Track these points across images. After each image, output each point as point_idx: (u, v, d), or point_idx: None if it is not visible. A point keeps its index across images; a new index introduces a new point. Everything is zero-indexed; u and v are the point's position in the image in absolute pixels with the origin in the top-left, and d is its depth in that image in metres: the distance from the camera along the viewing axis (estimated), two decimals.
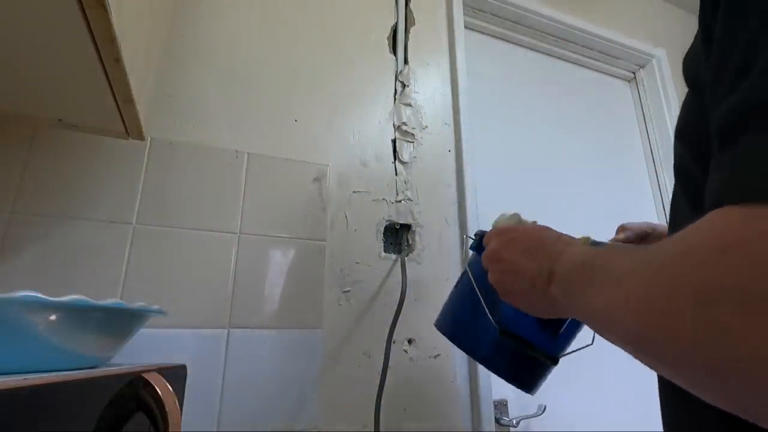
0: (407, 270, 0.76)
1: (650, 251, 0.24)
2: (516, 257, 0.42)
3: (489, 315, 0.48)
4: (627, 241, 0.61)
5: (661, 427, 0.33)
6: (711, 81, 0.24)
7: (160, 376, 0.35)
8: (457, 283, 0.62)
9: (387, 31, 0.94)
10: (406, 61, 0.93)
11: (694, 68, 0.31)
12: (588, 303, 0.29)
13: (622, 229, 0.64)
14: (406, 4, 0.98)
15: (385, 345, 0.69)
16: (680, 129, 0.34)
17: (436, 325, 0.60)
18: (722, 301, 0.17)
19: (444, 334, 0.58)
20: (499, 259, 0.44)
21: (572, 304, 0.32)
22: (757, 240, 0.17)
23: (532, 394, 0.51)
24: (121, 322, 0.42)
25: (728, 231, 0.19)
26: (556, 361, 0.49)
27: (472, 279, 0.52)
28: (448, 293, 0.63)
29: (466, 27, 1.07)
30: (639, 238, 0.61)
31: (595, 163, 1.21)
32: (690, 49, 0.33)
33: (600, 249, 0.31)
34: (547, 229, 0.43)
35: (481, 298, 0.50)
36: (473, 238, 0.58)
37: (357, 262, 0.77)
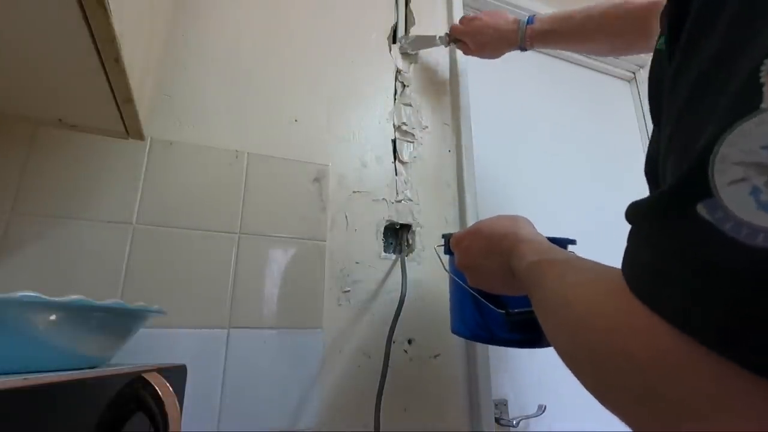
0: (407, 270, 0.76)
1: (570, 278, 0.29)
2: (478, 261, 0.47)
3: (492, 307, 0.53)
4: None
5: None
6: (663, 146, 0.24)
7: (160, 376, 0.35)
8: (450, 287, 0.67)
9: (387, 31, 0.94)
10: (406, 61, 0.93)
11: (657, 94, 0.30)
12: (535, 311, 0.33)
13: None
14: (406, 4, 0.98)
15: (385, 345, 0.69)
16: (646, 172, 0.34)
17: (453, 331, 0.66)
18: (604, 378, 0.23)
19: (463, 336, 0.65)
20: (466, 266, 0.49)
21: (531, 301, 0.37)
22: (629, 336, 0.20)
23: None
24: (121, 322, 0.42)
25: (616, 318, 0.22)
26: None
27: (460, 282, 0.58)
28: (448, 295, 0.69)
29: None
30: None
31: (594, 163, 1.21)
32: (653, 65, 0.31)
33: (536, 255, 0.36)
34: (490, 227, 0.47)
35: (478, 296, 0.55)
36: (444, 242, 0.64)
37: (357, 262, 0.77)
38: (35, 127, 0.61)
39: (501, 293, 0.47)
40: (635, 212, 0.22)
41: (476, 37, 0.84)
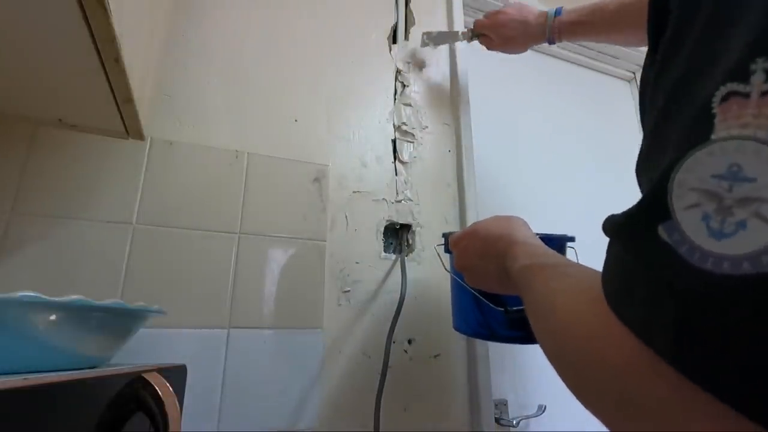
0: (407, 270, 0.76)
1: (555, 284, 0.30)
2: (475, 262, 0.48)
3: (491, 305, 0.54)
4: None
5: None
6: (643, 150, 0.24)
7: (160, 376, 0.35)
8: (451, 285, 0.68)
9: (387, 31, 0.94)
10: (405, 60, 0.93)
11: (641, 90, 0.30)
12: (527, 313, 0.34)
13: None
14: (406, 4, 0.98)
15: (385, 345, 0.69)
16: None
17: (455, 328, 0.68)
18: (585, 384, 0.24)
19: (465, 334, 0.67)
20: (463, 267, 0.50)
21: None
22: (606, 344, 0.21)
23: None
24: (121, 322, 0.42)
25: (595, 326, 0.23)
26: None
27: (460, 281, 0.58)
28: (448, 295, 0.71)
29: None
30: None
31: (594, 163, 1.21)
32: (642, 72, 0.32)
33: (529, 258, 0.37)
34: (486, 228, 0.47)
35: (479, 295, 0.56)
36: (444, 241, 0.65)
37: (357, 262, 0.77)
38: (35, 127, 0.61)
39: (498, 292, 0.48)
40: (610, 227, 0.23)
41: (501, 31, 0.83)
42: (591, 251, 1.18)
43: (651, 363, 0.19)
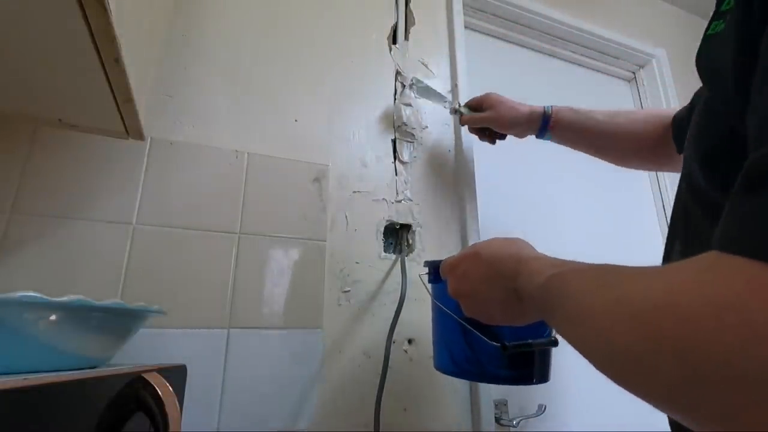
0: (407, 270, 0.76)
1: (615, 277, 0.24)
2: (477, 287, 0.42)
3: (486, 339, 0.49)
4: None
5: (660, 427, 0.33)
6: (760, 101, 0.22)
7: (160, 376, 0.35)
8: (435, 318, 0.63)
9: (387, 31, 0.94)
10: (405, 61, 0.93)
11: (713, 67, 0.29)
12: (560, 330, 0.29)
13: None
14: (406, 4, 0.98)
15: (385, 345, 0.69)
16: (705, 155, 0.32)
17: (437, 368, 0.61)
18: (708, 374, 0.17)
19: (450, 374, 0.59)
20: (463, 294, 0.45)
21: (549, 322, 0.32)
22: (757, 310, 0.16)
23: (548, 381, 0.55)
24: (121, 322, 0.42)
25: (728, 291, 0.17)
26: (557, 342, 0.50)
27: (450, 312, 0.53)
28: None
29: (466, 27, 1.07)
30: None
31: (594, 163, 1.21)
32: (704, 51, 0.30)
33: (553, 268, 0.32)
34: (489, 249, 0.43)
35: (472, 328, 0.50)
36: (427, 271, 0.60)
37: (357, 262, 0.77)
38: (35, 127, 0.61)
39: (499, 323, 0.43)
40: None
41: (499, 109, 0.81)
42: (591, 245, 1.18)
43: None
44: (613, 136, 0.72)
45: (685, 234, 0.37)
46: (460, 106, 0.87)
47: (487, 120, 0.81)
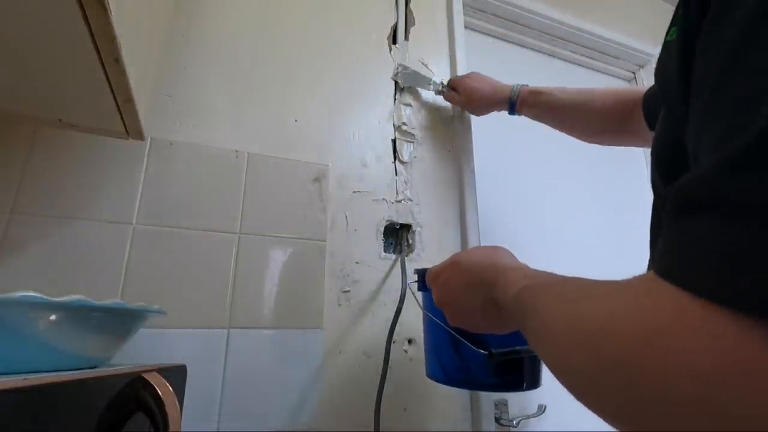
0: (407, 270, 0.76)
1: (575, 294, 0.25)
2: (458, 296, 0.43)
3: (473, 347, 0.49)
4: None
5: None
6: (698, 115, 0.22)
7: (160, 376, 0.35)
8: (425, 327, 0.64)
9: (387, 31, 0.94)
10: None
11: (665, 76, 0.28)
12: (530, 342, 0.30)
13: None
14: (406, 4, 0.98)
15: (385, 345, 0.69)
16: (660, 162, 0.32)
17: (428, 376, 0.62)
18: (644, 396, 0.18)
19: (441, 382, 0.59)
20: (446, 303, 0.45)
21: (523, 333, 0.33)
22: (680, 339, 0.17)
23: (539, 386, 0.55)
24: (121, 322, 0.42)
25: (657, 321, 0.18)
26: None
27: (438, 321, 0.54)
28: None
29: (466, 27, 1.07)
30: None
31: (594, 163, 1.21)
32: (661, 58, 0.30)
33: (526, 280, 0.32)
34: (468, 259, 0.43)
35: (460, 336, 0.51)
36: (417, 278, 0.61)
37: (357, 262, 0.77)
38: (35, 127, 0.61)
39: (484, 331, 0.44)
40: (694, 191, 0.19)
41: (471, 90, 0.87)
42: (589, 243, 1.17)
43: None
44: (579, 115, 0.76)
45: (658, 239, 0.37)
46: (443, 86, 0.92)
47: (460, 103, 0.91)
